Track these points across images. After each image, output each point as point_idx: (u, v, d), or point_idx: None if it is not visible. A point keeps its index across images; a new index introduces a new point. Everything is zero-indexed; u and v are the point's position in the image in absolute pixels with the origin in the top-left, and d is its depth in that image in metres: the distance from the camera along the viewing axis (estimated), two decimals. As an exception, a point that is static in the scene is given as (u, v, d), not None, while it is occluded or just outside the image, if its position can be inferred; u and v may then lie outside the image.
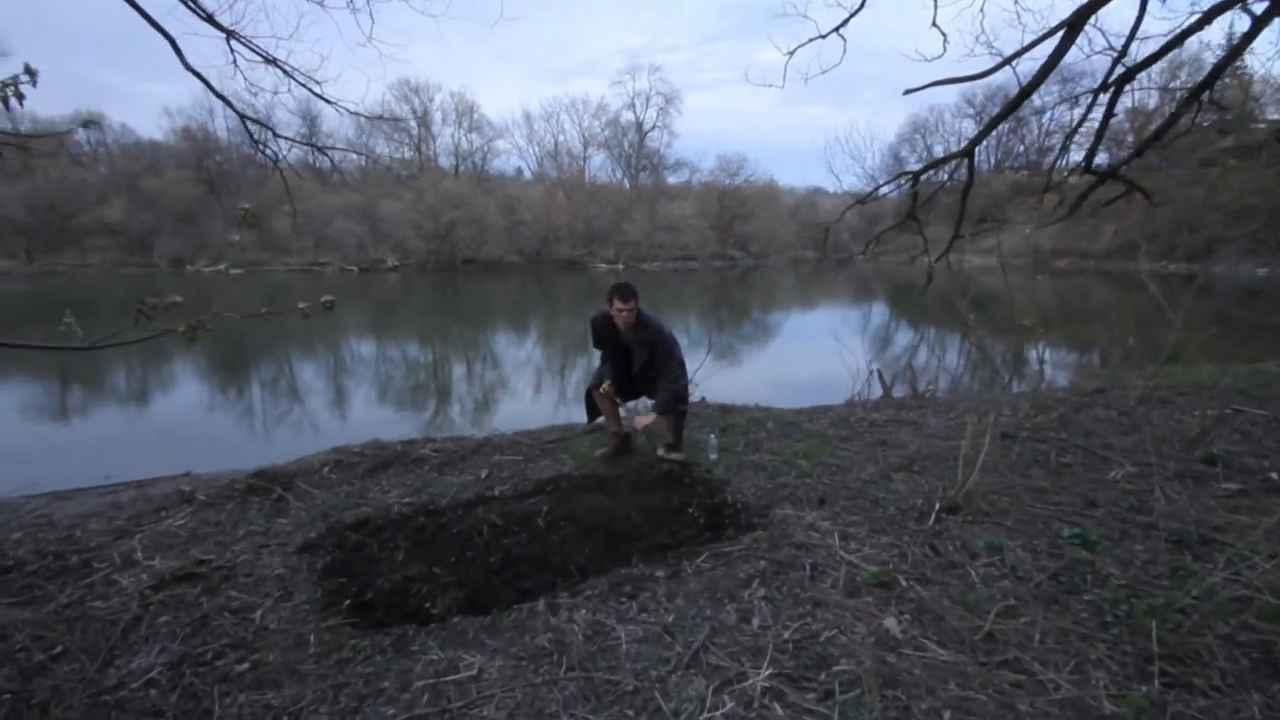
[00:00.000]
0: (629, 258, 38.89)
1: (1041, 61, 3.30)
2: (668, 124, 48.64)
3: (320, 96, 3.75)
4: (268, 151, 3.98)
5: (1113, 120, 3.91)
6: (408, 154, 43.83)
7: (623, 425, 3.88)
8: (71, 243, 31.98)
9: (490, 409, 8.32)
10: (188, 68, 3.16)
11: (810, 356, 11.78)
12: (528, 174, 47.38)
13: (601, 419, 3.96)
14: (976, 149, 3.58)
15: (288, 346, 13.55)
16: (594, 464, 3.70)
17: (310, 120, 42.94)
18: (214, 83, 3.62)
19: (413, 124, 42.45)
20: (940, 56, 4.06)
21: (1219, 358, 6.75)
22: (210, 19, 3.17)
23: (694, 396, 4.68)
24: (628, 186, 45.93)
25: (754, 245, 44.10)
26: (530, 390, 9.59)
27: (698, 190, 45.67)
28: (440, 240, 34.62)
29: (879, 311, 21.69)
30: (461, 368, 11.86)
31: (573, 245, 39.27)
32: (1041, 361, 5.73)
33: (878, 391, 5.23)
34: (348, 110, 3.90)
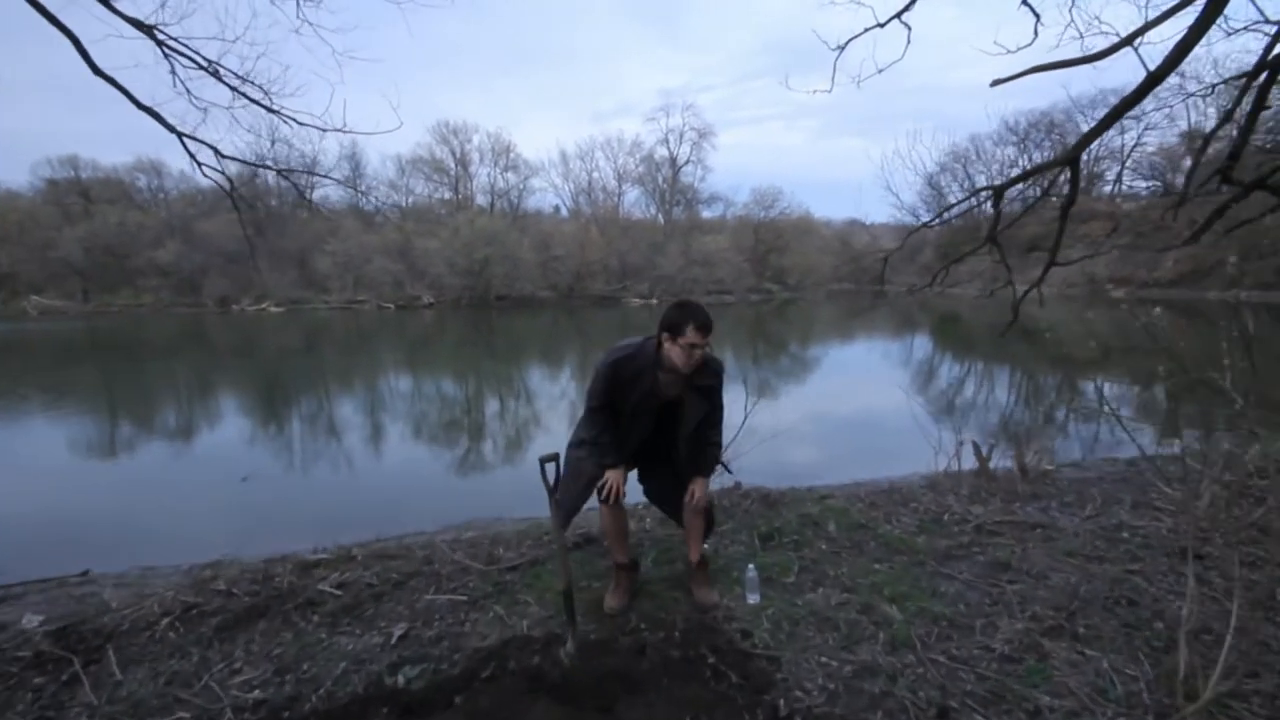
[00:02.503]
0: (663, 292, 38.51)
1: (1149, 47, 2.63)
2: (701, 159, 48.72)
3: (271, 110, 3.29)
4: (209, 172, 3.54)
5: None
6: (447, 194, 44.85)
7: (627, 550, 2.64)
8: (126, 283, 33.29)
9: (468, 476, 6.84)
10: (96, 71, 2.73)
11: (865, 400, 10.74)
12: (564, 211, 47.94)
13: (573, 532, 2.99)
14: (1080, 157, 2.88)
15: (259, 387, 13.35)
16: (570, 621, 2.37)
17: (355, 163, 44.71)
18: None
19: (444, 159, 43.47)
20: (1030, 44, 3.39)
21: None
22: (130, 20, 2.75)
23: (725, 478, 3.66)
24: (661, 221, 45.91)
25: (790, 278, 43.36)
26: (520, 448, 8.10)
27: (732, 224, 45.35)
28: (474, 277, 34.89)
29: (928, 348, 20.55)
30: (449, 419, 10.59)
31: (606, 280, 39.18)
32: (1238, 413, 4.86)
33: (967, 461, 4.23)
34: (313, 125, 3.43)
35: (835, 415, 8.96)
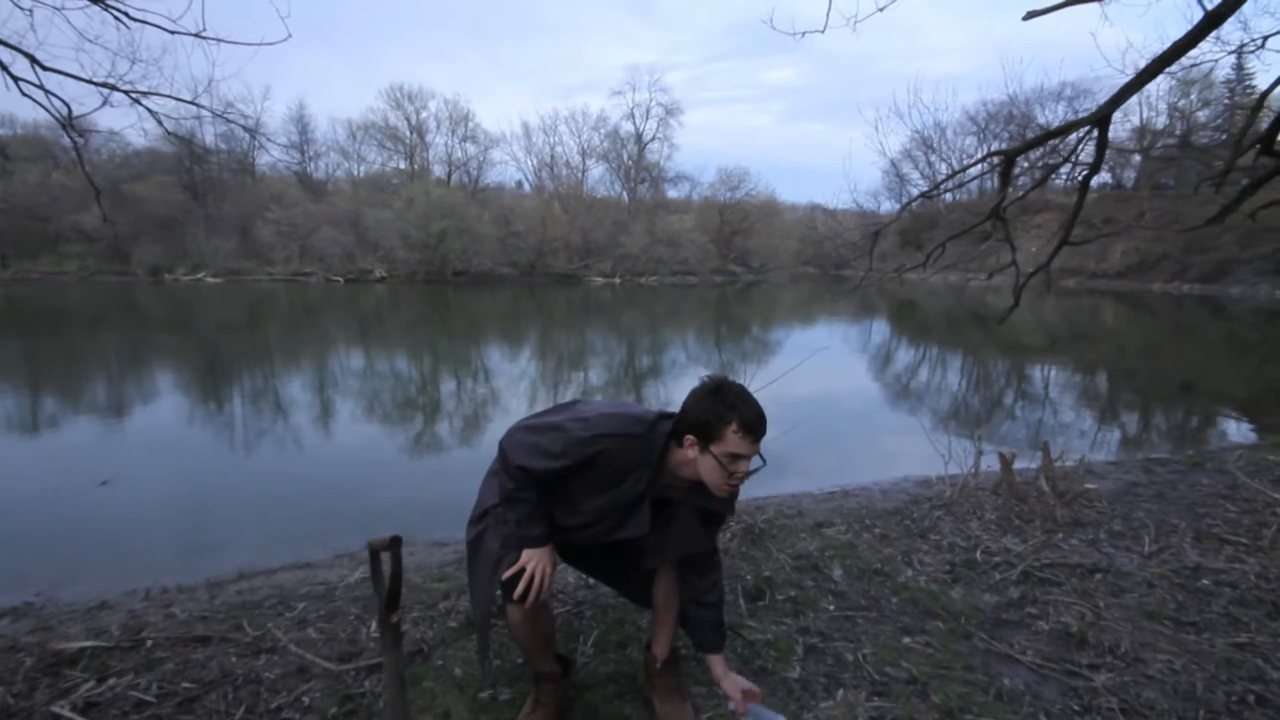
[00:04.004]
0: (626, 271, 37.88)
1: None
2: (668, 136, 47.94)
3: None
4: (30, 90, 2.83)
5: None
6: (401, 164, 42.97)
7: (552, 653, 1.83)
8: (47, 249, 30.82)
9: (397, 478, 5.56)
10: None
11: (847, 389, 10.35)
12: (526, 186, 46.59)
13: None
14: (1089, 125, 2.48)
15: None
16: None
17: (301, 125, 42.33)
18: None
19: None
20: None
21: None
22: None
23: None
24: (626, 199, 45.07)
25: (755, 260, 43.29)
26: (469, 444, 6.82)
27: (698, 204, 44.89)
28: (430, 251, 33.55)
29: (898, 335, 20.63)
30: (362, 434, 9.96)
31: (568, 258, 38.30)
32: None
33: (987, 462, 3.65)
34: (153, 24, 2.72)
35: (815, 406, 8.20)
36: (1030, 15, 2.28)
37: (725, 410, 1.49)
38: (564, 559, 1.91)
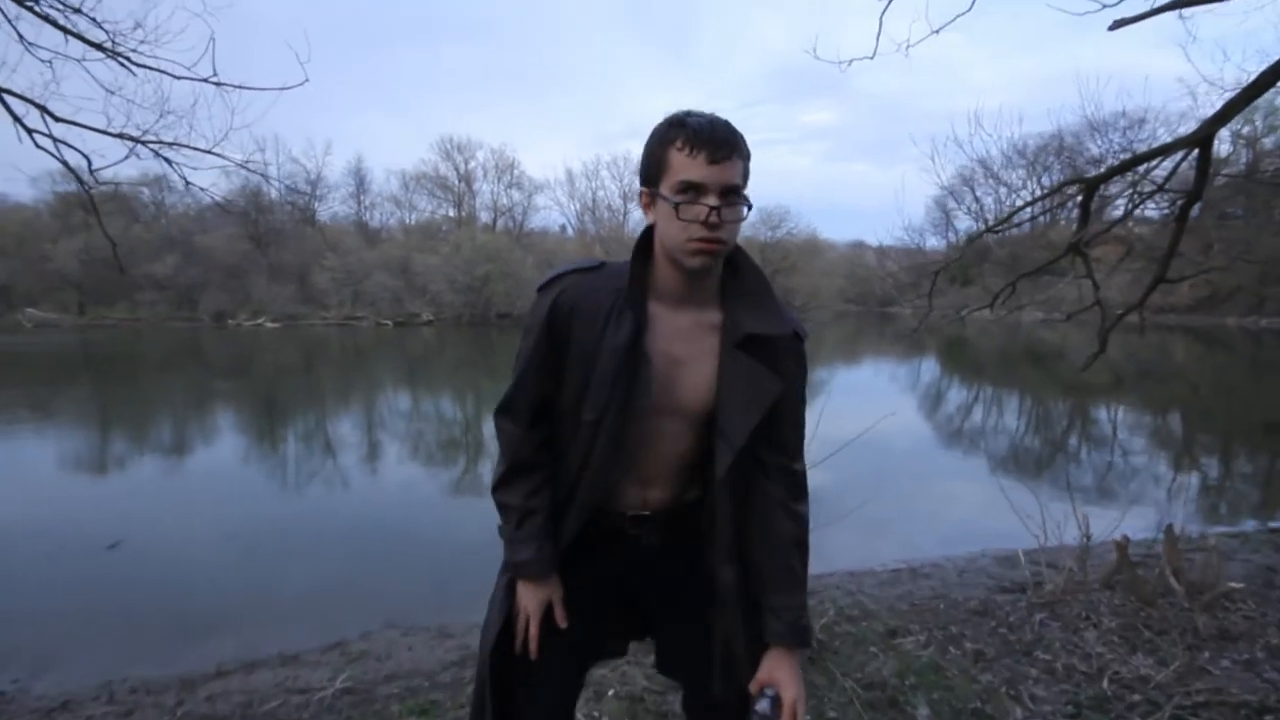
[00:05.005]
0: (666, 312, 37.85)
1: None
2: (707, 179, 48.35)
3: (106, 50, 2.64)
4: (43, 142, 2.89)
5: None
6: (450, 211, 44.67)
7: None
8: (122, 296, 32.91)
9: (433, 545, 5.08)
10: None
11: (903, 439, 9.76)
12: (570, 231, 47.65)
13: None
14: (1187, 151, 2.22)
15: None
16: None
17: (359, 178, 44.68)
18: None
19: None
20: None
21: None
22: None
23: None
24: (666, 240, 45.45)
25: (797, 299, 42.85)
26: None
27: (739, 243, 44.94)
28: (475, 294, 34.42)
29: (957, 377, 19.84)
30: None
31: (609, 299, 38.59)
32: None
33: (1070, 533, 3.05)
34: (162, 71, 2.79)
35: (870, 459, 7.18)
36: (1117, 24, 2.09)
37: (667, 129, 1.02)
38: (600, 624, 1.22)
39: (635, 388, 1.06)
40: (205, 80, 2.84)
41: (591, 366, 1.07)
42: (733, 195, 1.02)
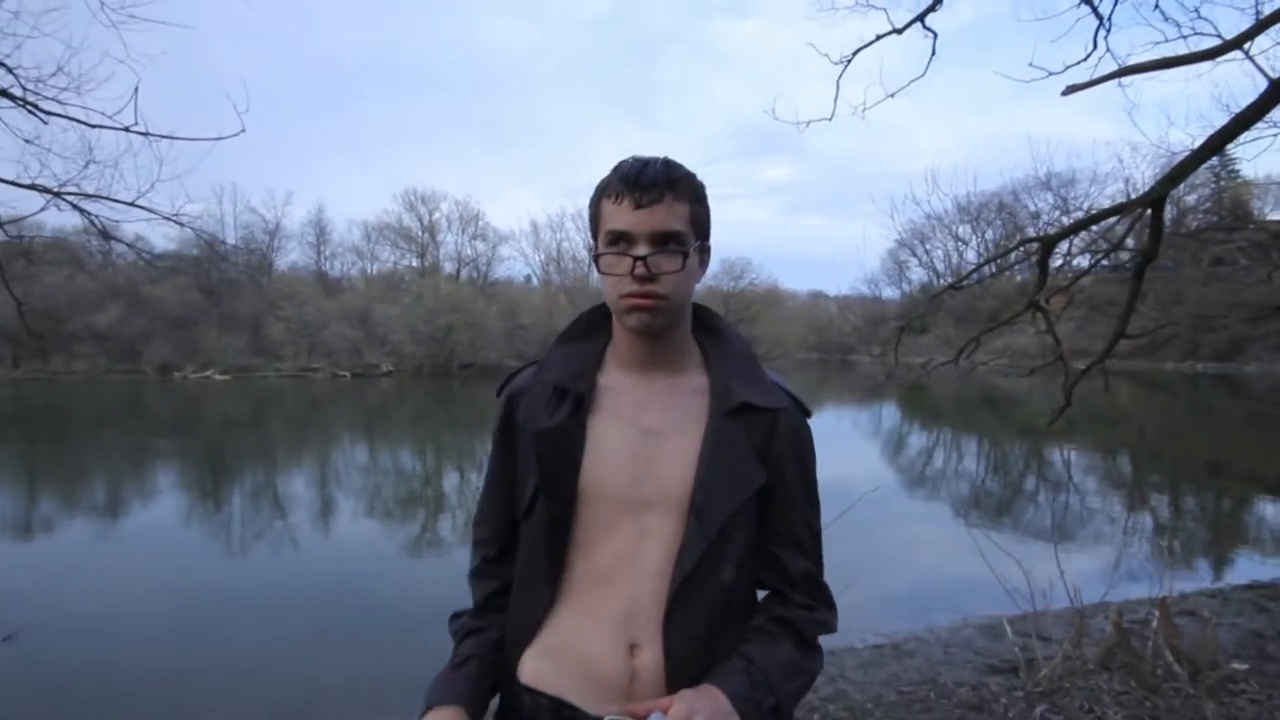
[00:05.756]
0: (631, 361, 37.94)
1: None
2: (670, 231, 49.50)
3: (18, 100, 2.48)
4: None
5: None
6: (414, 262, 44.40)
7: None
8: (60, 349, 31.25)
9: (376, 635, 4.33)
10: None
11: (872, 485, 9.85)
12: (535, 281, 47.81)
13: None
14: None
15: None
16: None
17: (319, 228, 44.17)
18: None
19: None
20: (1085, 60, 2.87)
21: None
22: None
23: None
24: (630, 290, 45.97)
25: (760, 347, 43.59)
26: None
27: (702, 294, 45.28)
28: (437, 345, 33.89)
29: (920, 424, 20.16)
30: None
31: (574, 348, 38.53)
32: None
33: (1054, 596, 2.84)
34: (78, 121, 2.62)
35: (831, 514, 7.24)
36: (1070, 90, 2.16)
37: (606, 177, 0.90)
38: None
39: (576, 466, 0.88)
40: (127, 129, 2.68)
41: (528, 460, 0.91)
42: (670, 242, 0.86)
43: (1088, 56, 2.74)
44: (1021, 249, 2.97)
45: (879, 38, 2.84)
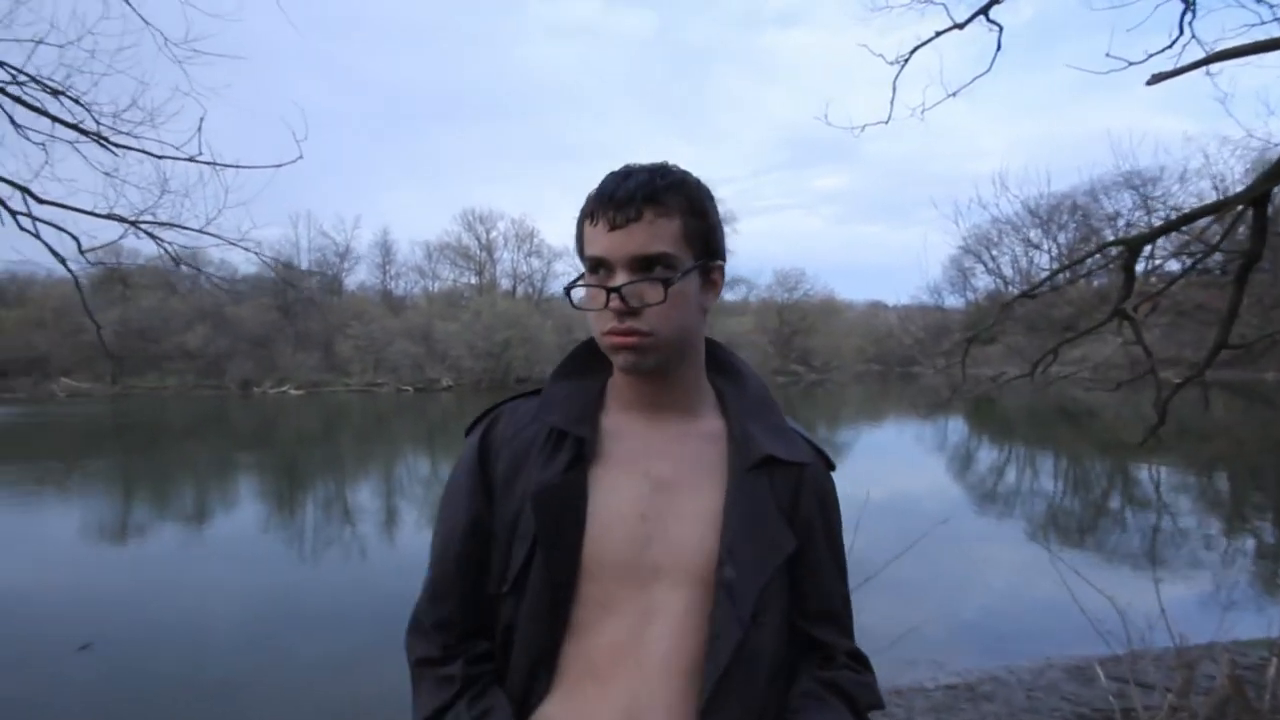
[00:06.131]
0: (684, 374, 37.89)
1: None
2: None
3: (92, 135, 2.65)
4: (38, 226, 2.89)
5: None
6: (472, 279, 45.89)
7: None
8: (153, 367, 33.77)
9: None
10: None
11: (939, 503, 9.36)
12: (586, 296, 48.44)
13: None
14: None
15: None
16: None
17: (385, 249, 46.26)
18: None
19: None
20: (1167, 49, 2.69)
21: None
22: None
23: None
24: (683, 304, 46.02)
25: (816, 360, 42.65)
26: None
27: (755, 306, 45.27)
28: (494, 359, 34.84)
29: (990, 440, 19.25)
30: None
31: (627, 362, 38.82)
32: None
33: (1152, 633, 2.51)
34: (144, 152, 2.79)
35: (896, 535, 6.66)
36: (1155, 79, 2.01)
37: (589, 199, 0.78)
38: None
39: (581, 528, 0.75)
40: (191, 159, 2.87)
41: (517, 521, 0.77)
42: (655, 266, 0.73)
43: (1172, 44, 2.54)
44: (1103, 252, 2.76)
45: (939, 34, 2.73)
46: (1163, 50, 2.71)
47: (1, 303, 35.20)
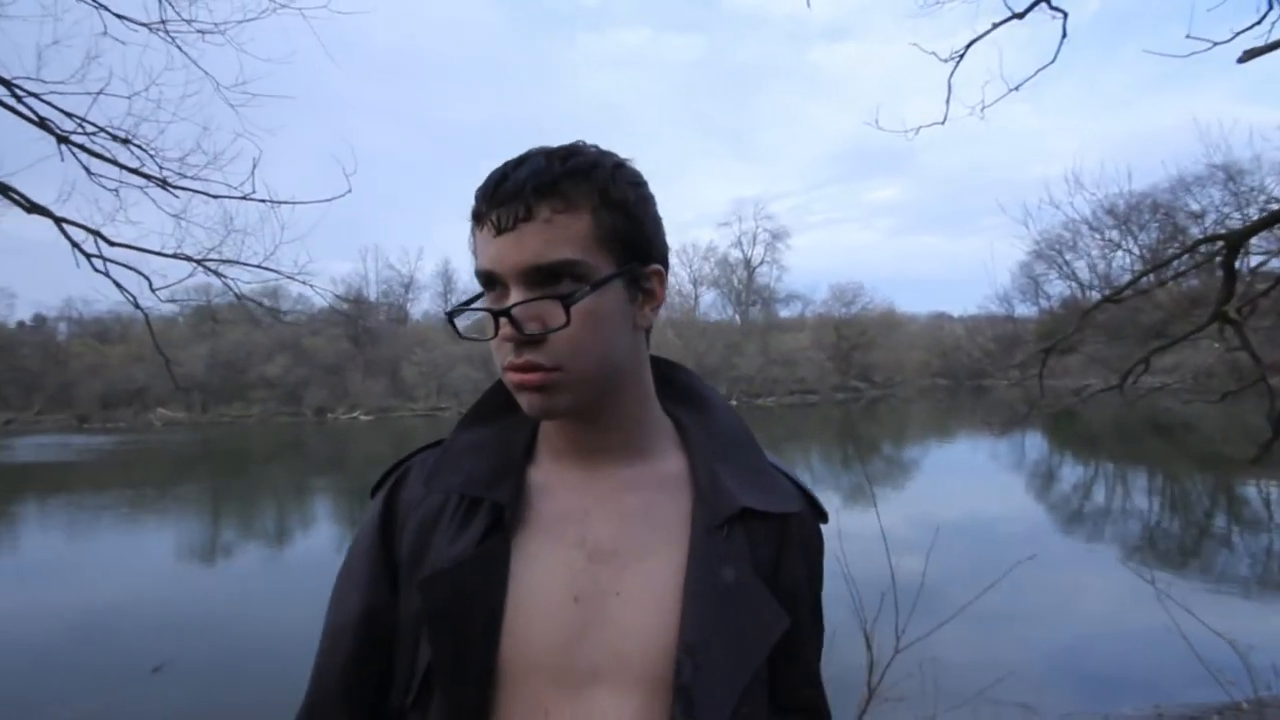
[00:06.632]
0: (741, 393, 37.44)
1: None
2: (776, 259, 48.78)
3: (159, 182, 2.82)
4: (111, 265, 3.09)
5: None
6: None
7: None
8: (238, 396, 36.09)
9: None
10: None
11: (1035, 549, 8.83)
12: (640, 316, 48.80)
13: None
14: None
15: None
16: None
17: (447, 278, 48.16)
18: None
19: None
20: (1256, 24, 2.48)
21: None
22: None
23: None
24: (738, 322, 45.64)
25: (878, 375, 41.32)
26: None
27: (812, 322, 44.47)
28: (552, 382, 35.49)
29: (1075, 458, 18.12)
30: None
31: (683, 382, 38.76)
32: None
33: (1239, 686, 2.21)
34: (201, 192, 2.96)
35: (972, 564, 5.35)
36: (1248, 56, 1.84)
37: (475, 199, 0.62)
38: None
39: (495, 624, 0.58)
40: (245, 198, 3.05)
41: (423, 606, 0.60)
42: (561, 278, 0.57)
43: (1260, 19, 2.32)
44: (1197, 250, 2.51)
45: (996, 25, 2.59)
46: (1250, 28, 2.48)
47: (107, 340, 38.34)
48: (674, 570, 0.59)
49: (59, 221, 2.82)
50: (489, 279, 0.59)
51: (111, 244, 3.04)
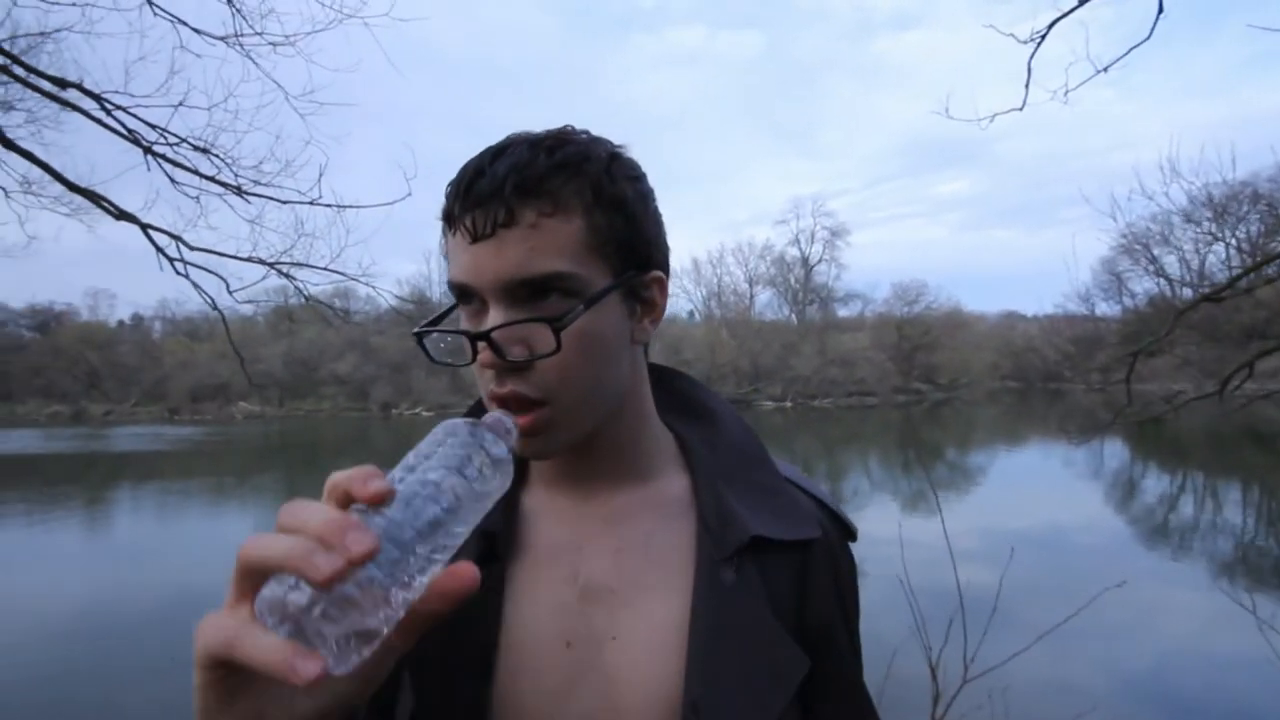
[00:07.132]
0: (797, 394, 36.76)
1: None
2: (835, 257, 47.58)
3: (233, 188, 2.94)
4: (189, 268, 3.26)
5: None
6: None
7: None
8: (312, 391, 38.16)
9: None
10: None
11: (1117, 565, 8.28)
12: (696, 317, 48.60)
13: None
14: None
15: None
16: None
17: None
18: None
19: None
20: None
21: None
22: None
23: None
24: (795, 321, 44.78)
25: (942, 376, 39.69)
26: None
27: (872, 321, 43.15)
28: (606, 381, 35.86)
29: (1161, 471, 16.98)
30: None
31: (737, 383, 38.40)
32: None
33: None
34: (272, 198, 3.07)
35: (1055, 585, 5.07)
36: None
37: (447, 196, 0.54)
38: None
39: (488, 664, 0.52)
40: (312, 203, 3.19)
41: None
42: (547, 293, 0.49)
43: None
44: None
45: (1083, 2, 2.41)
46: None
47: (196, 338, 41.16)
48: (676, 611, 0.52)
49: (144, 227, 3.04)
50: (463, 292, 0.51)
51: (192, 248, 3.27)
